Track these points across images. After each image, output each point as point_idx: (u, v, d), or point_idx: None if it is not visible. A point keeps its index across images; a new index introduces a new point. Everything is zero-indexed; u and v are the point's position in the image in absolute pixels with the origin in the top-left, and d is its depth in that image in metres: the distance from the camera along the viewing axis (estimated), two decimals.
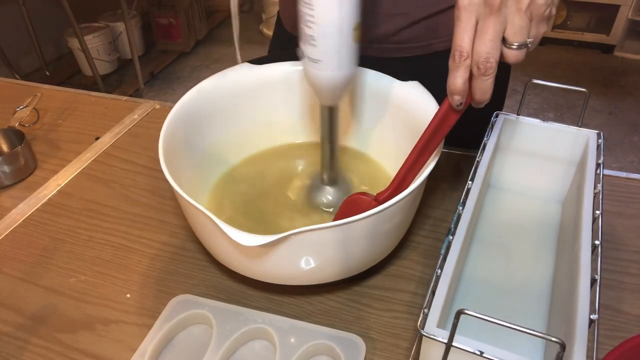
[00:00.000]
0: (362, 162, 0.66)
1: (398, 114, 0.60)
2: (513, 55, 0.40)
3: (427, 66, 0.69)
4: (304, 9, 0.44)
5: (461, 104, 0.43)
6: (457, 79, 0.41)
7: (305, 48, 0.47)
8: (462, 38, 0.40)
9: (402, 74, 0.59)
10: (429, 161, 0.49)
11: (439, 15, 0.66)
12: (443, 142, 0.49)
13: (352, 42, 0.46)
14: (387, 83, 0.60)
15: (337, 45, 0.46)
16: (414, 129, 0.57)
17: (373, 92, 0.62)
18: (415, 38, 0.68)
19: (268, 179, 0.64)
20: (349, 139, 0.67)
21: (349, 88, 0.52)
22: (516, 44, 0.40)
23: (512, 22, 0.39)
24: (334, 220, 0.46)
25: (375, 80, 0.61)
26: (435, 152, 0.49)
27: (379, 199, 0.51)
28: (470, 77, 0.41)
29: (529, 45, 0.40)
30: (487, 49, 0.39)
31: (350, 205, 0.53)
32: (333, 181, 0.60)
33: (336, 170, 0.60)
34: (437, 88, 0.53)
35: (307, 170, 0.65)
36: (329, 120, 0.54)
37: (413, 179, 0.50)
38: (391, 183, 0.50)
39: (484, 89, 0.41)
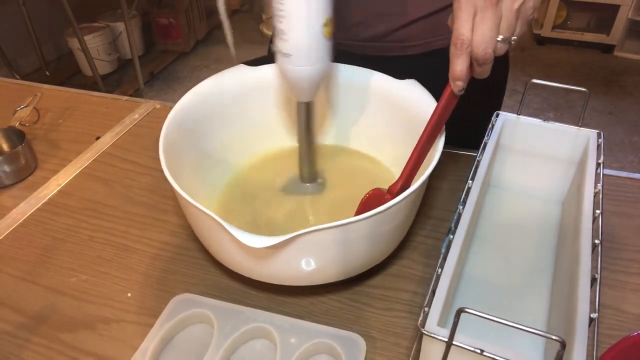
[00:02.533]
0: (363, 160, 0.66)
1: (395, 112, 0.60)
2: (500, 48, 0.42)
3: (426, 64, 0.69)
4: (275, 4, 0.47)
5: (463, 89, 0.45)
6: (459, 66, 0.43)
7: (278, 43, 0.50)
8: (464, 27, 0.41)
9: (401, 72, 0.59)
10: (429, 162, 0.49)
11: (437, 14, 0.66)
12: (444, 137, 0.49)
13: (322, 37, 0.49)
14: (384, 81, 0.60)
15: (306, 39, 0.48)
16: (411, 126, 0.57)
17: (370, 91, 0.62)
18: (413, 36, 0.68)
19: (268, 180, 0.64)
20: (346, 138, 0.67)
21: (322, 84, 0.53)
22: (504, 37, 0.42)
23: (506, 17, 0.41)
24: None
25: (371, 78, 0.61)
26: (436, 148, 0.49)
27: (392, 192, 0.51)
28: (470, 63, 0.43)
29: (512, 42, 0.43)
30: (486, 39, 0.41)
31: (368, 203, 0.53)
32: (312, 179, 0.62)
33: (314, 167, 0.61)
34: (437, 85, 0.53)
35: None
36: (305, 116, 0.56)
37: (419, 167, 0.51)
38: (401, 174, 0.51)
39: (484, 73, 0.44)
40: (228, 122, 0.63)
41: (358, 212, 0.55)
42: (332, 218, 0.40)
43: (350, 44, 0.70)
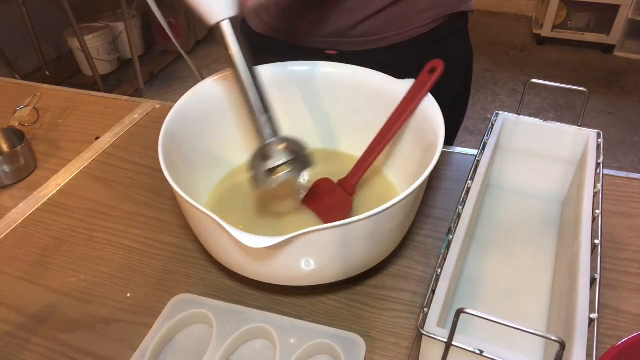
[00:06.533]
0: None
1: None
2: None
3: (388, 58, 0.70)
4: None
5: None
6: None
7: None
8: None
9: (365, 66, 0.61)
10: (429, 162, 0.49)
11: (394, 7, 0.67)
12: (443, 136, 0.49)
13: None
14: (382, 81, 0.60)
15: None
16: (411, 127, 0.57)
17: (368, 91, 0.61)
18: (374, 31, 0.69)
19: None
20: (342, 142, 0.67)
21: None
22: None
23: None
24: (304, 203, 0.49)
25: (369, 78, 0.61)
26: (436, 148, 0.49)
27: (346, 188, 0.54)
28: None
29: None
30: None
31: (322, 196, 0.55)
32: (275, 132, 0.48)
33: (273, 114, 0.49)
34: (399, 78, 0.57)
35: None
36: (236, 40, 0.44)
37: (374, 160, 0.54)
38: (354, 168, 0.53)
39: None
40: (227, 122, 0.63)
41: (307, 201, 0.57)
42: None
43: (313, 40, 0.71)
